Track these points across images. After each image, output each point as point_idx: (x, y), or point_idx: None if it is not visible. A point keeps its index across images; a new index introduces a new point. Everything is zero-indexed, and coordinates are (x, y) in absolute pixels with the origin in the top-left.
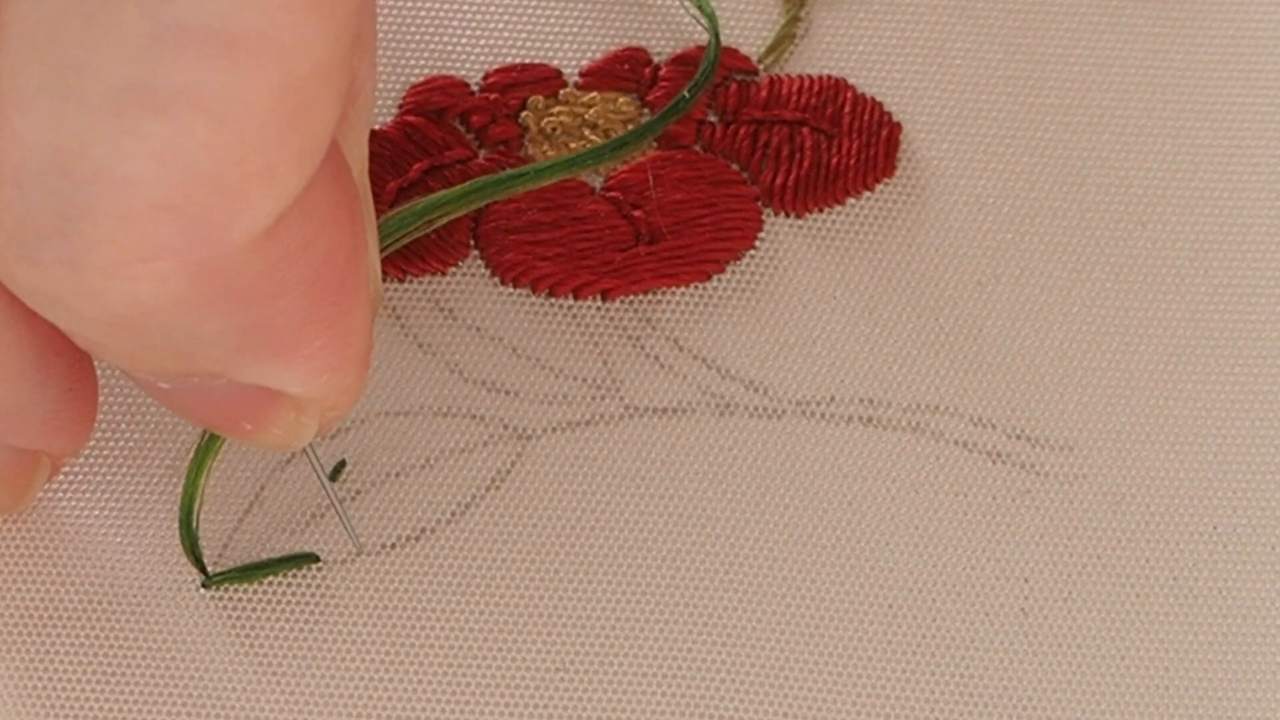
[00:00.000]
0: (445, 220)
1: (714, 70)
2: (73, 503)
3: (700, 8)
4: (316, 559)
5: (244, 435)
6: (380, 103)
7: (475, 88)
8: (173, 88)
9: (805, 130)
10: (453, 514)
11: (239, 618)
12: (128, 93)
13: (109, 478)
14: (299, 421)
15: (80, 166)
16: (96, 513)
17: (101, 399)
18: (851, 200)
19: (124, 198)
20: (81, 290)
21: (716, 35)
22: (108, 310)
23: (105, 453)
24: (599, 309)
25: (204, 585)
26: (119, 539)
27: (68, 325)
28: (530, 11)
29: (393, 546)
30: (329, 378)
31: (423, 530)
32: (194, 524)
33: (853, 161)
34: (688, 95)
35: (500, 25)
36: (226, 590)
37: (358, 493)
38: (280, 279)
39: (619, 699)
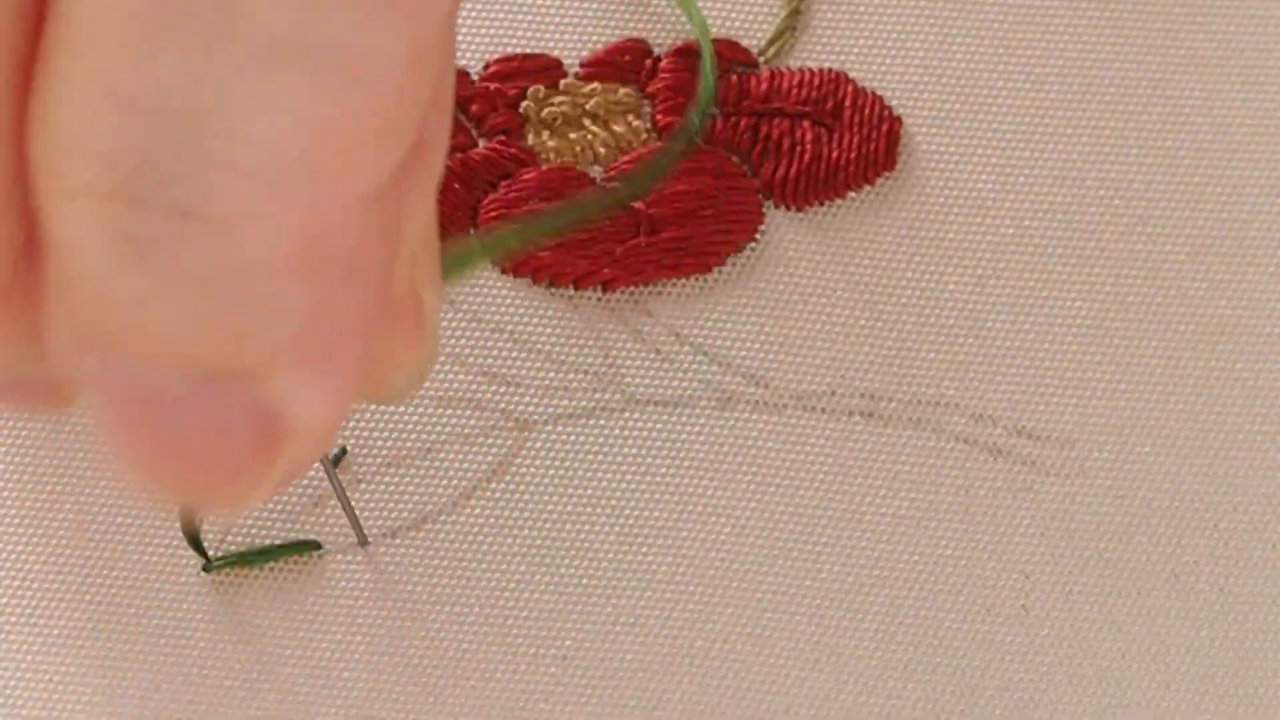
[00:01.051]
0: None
1: (708, 107)
2: (75, 484)
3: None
4: (319, 546)
5: (222, 486)
6: None
7: (475, 77)
8: (320, 43)
9: (806, 123)
10: (453, 502)
11: (239, 603)
12: (278, 46)
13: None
14: (280, 472)
15: (217, 116)
16: (97, 494)
17: None
18: (852, 194)
19: (255, 153)
20: (187, 241)
21: (711, 61)
22: (201, 266)
23: None
24: (599, 300)
25: (205, 570)
26: (120, 520)
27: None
28: (531, 1)
29: (393, 534)
30: (338, 406)
31: (423, 518)
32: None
33: (853, 155)
34: (696, 118)
35: (501, 15)
36: (227, 575)
37: (358, 480)
38: (363, 259)
39: (620, 689)
